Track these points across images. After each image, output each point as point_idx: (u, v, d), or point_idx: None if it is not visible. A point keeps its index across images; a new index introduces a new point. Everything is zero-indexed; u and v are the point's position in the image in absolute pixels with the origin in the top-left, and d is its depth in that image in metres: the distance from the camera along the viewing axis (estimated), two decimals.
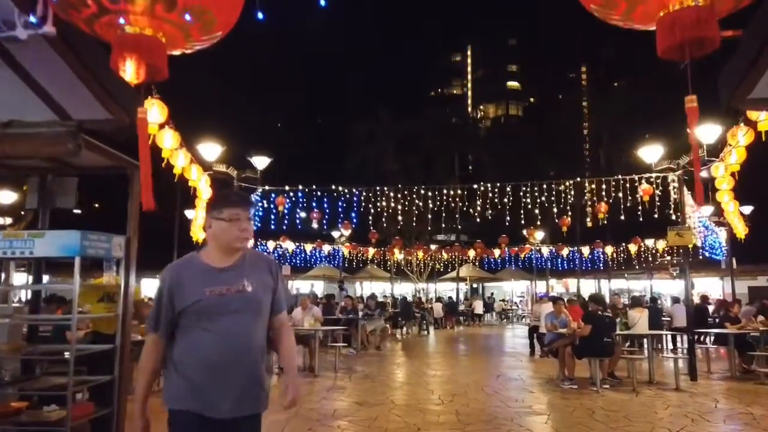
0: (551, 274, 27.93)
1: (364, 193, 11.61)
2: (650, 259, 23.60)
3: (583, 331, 8.88)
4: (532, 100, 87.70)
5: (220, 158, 11.23)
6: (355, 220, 12.31)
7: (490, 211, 11.96)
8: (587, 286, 30.95)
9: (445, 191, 11.66)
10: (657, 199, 10.89)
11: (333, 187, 11.59)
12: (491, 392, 8.44)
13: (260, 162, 11.71)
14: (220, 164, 10.95)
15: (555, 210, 11.31)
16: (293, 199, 12.31)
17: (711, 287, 27.25)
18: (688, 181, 9.95)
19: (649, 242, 21.43)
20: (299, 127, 51.95)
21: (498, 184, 11.37)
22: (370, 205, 11.80)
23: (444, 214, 12.74)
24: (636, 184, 10.58)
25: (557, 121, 39.87)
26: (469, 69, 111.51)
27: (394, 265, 26.67)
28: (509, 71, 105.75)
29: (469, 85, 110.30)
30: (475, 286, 38.62)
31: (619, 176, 10.54)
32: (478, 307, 26.54)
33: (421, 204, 11.79)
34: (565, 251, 22.58)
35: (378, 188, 11.74)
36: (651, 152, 10.60)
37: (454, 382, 9.43)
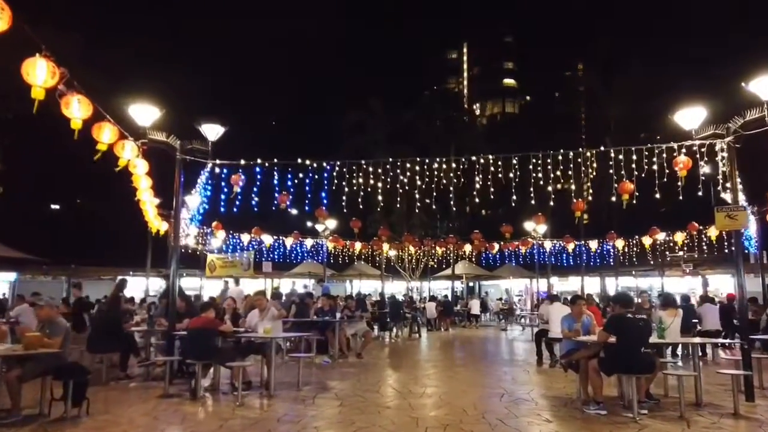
0: (552, 272, 25.81)
1: (338, 168, 9.42)
2: (665, 253, 21.57)
3: (600, 337, 6.85)
4: (528, 98, 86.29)
5: (162, 125, 9.14)
6: (326, 202, 10.07)
7: (492, 190, 9.82)
8: (592, 285, 28.94)
9: (436, 165, 9.48)
10: (695, 176, 8.79)
11: (300, 161, 9.42)
12: (495, 421, 6.36)
13: (211, 131, 9.60)
14: (157, 131, 8.83)
15: (574, 186, 9.18)
16: (259, 178, 10.14)
17: (724, 285, 25.33)
18: (740, 150, 7.91)
19: (659, 236, 19.38)
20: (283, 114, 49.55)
21: (502, 156, 9.25)
22: (344, 184, 9.58)
23: (436, 196, 10.41)
24: (675, 154, 8.47)
25: (555, 113, 38.34)
26: (465, 67, 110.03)
27: (383, 262, 24.53)
28: (505, 68, 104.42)
29: (465, 82, 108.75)
30: (471, 284, 36.58)
31: (660, 144, 8.42)
32: (475, 307, 24.47)
33: (406, 181, 9.55)
34: (571, 245, 20.52)
35: (356, 162, 9.57)
36: (690, 116, 8.55)
37: (448, 404, 7.35)
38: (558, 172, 9.18)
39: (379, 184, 9.82)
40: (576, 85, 41.61)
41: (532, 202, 9.51)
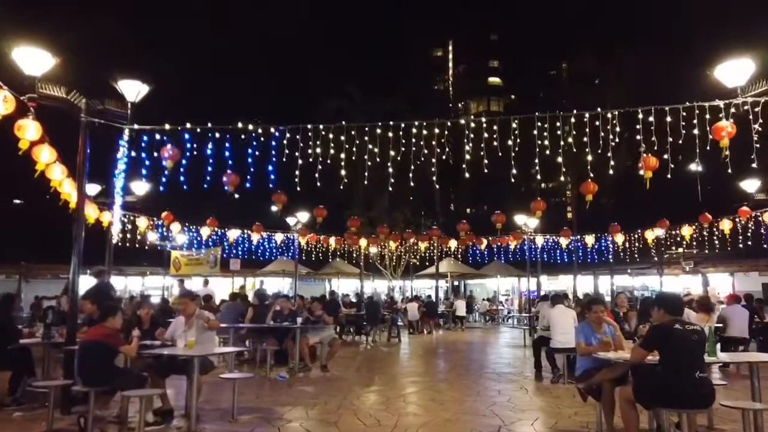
0: (542, 270, 24.02)
1: (288, 134, 7.38)
2: (662, 250, 19.90)
3: (636, 356, 5.00)
4: (513, 97, 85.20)
5: (66, 80, 7.10)
6: (272, 177, 7.98)
7: (486, 162, 7.88)
8: (584, 284, 27.30)
9: (415, 130, 7.52)
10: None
11: (241, 125, 7.35)
12: None
13: (130, 89, 7.56)
14: (53, 85, 6.78)
15: (590, 158, 7.23)
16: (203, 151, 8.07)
17: (723, 285, 23.82)
18: None
19: (660, 231, 17.63)
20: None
21: (499, 118, 7.33)
22: (297, 154, 7.56)
23: (415, 174, 8.40)
24: (720, 114, 6.60)
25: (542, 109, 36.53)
26: (450, 65, 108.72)
27: (362, 259, 22.60)
28: (491, 67, 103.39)
29: (450, 80, 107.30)
30: (456, 283, 34.77)
31: (697, 103, 6.55)
32: (461, 308, 22.58)
33: (377, 151, 7.54)
34: (564, 241, 18.75)
35: (313, 126, 7.54)
36: (735, 71, 6.72)
37: None
38: (570, 139, 7.29)
39: (342, 155, 7.81)
40: (567, 77, 39.87)
41: (538, 176, 7.57)
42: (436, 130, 7.68)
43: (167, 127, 7.30)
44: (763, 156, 6.54)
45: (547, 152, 7.37)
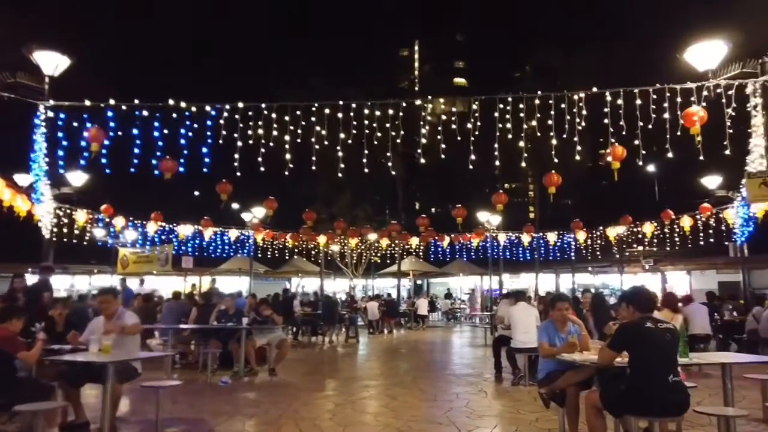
0: (504, 268, 23.75)
1: (227, 113, 6.63)
2: (623, 248, 19.83)
3: (604, 358, 4.51)
4: (482, 96, 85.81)
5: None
6: (207, 160, 7.17)
7: (443, 147, 7.31)
8: (546, 282, 27.22)
9: (367, 111, 6.88)
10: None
11: (172, 102, 6.55)
12: None
13: (47, 61, 6.70)
14: None
15: (554, 142, 6.71)
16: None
17: (680, 283, 24.03)
18: None
19: (620, 229, 17.49)
20: None
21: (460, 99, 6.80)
22: (243, 137, 6.82)
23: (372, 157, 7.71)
24: (692, 98, 6.19)
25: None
26: (416, 65, 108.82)
27: (323, 257, 21.86)
28: (456, 67, 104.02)
29: (416, 80, 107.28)
30: (420, 282, 34.37)
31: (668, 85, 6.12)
32: (422, 306, 22.10)
33: (324, 133, 6.88)
34: (526, 239, 18.46)
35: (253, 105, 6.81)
36: (708, 53, 6.34)
37: None
38: (533, 122, 6.79)
39: (287, 137, 7.11)
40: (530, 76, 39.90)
41: (497, 162, 7.04)
42: (390, 111, 7.05)
43: (87, 103, 6.47)
44: (734, 142, 6.17)
45: (509, 136, 6.88)
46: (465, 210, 14.15)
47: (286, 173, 7.57)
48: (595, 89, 6.36)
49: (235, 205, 20.68)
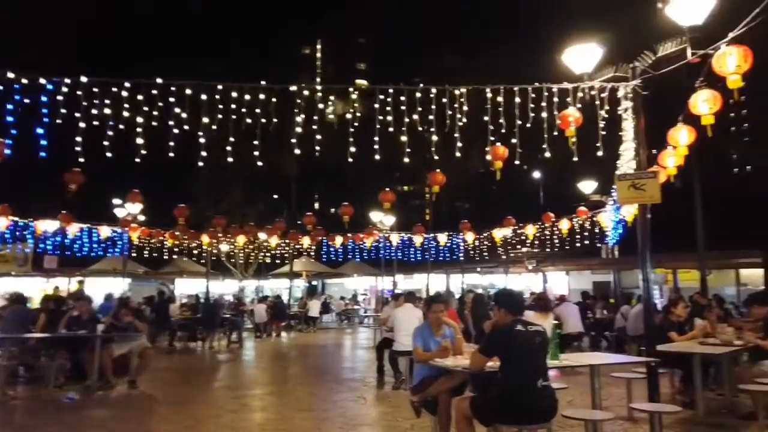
0: (398, 268, 23.77)
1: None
2: (507, 249, 20.53)
3: (475, 363, 4.28)
4: (382, 97, 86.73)
5: None
6: (42, 143, 6.12)
7: (319, 138, 6.82)
8: (438, 282, 27.65)
9: (235, 93, 6.23)
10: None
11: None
12: None
13: None
14: None
15: (434, 138, 6.42)
16: None
17: (558, 282, 25.42)
18: (647, 98, 5.89)
19: (502, 232, 18.08)
20: None
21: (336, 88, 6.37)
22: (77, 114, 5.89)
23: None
24: (568, 99, 6.20)
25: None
26: (318, 63, 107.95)
27: (207, 257, 20.52)
28: (358, 69, 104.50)
29: (318, 79, 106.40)
30: (315, 283, 33.66)
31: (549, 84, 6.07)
32: (314, 308, 21.50)
33: (184, 115, 6.13)
34: (418, 239, 18.50)
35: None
36: (582, 55, 6.40)
37: None
38: (415, 116, 6.52)
39: (139, 120, 6.27)
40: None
41: (377, 156, 6.67)
42: (262, 96, 6.45)
43: None
44: (608, 146, 6.27)
45: (390, 129, 6.56)
46: (352, 208, 13.76)
47: (165, 165, 6.71)
48: (477, 87, 6.21)
49: (116, 201, 18.87)
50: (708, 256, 14.24)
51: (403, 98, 6.56)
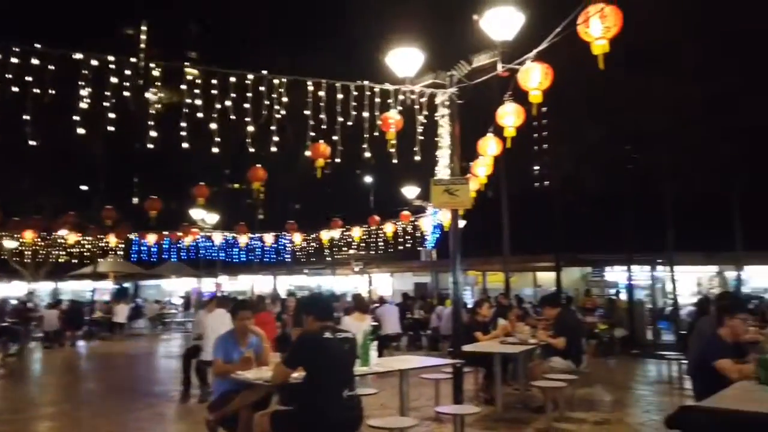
0: (221, 269, 22.46)
1: None
2: (333, 251, 20.57)
3: (278, 375, 3.92)
4: (214, 92, 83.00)
5: None
6: None
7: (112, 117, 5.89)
8: (264, 284, 26.81)
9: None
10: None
11: None
12: None
13: None
14: None
15: (250, 129, 5.87)
16: None
17: (383, 284, 26.26)
18: (462, 107, 6.05)
19: (335, 233, 18.12)
20: None
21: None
22: None
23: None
24: (390, 100, 6.12)
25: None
26: (143, 46, 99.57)
27: None
28: (189, 58, 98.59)
29: (141, 63, 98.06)
30: (127, 285, 30.41)
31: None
32: (121, 313, 19.27)
33: None
34: (244, 239, 17.59)
35: None
36: (405, 59, 6.39)
37: None
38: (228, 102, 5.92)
39: None
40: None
41: (184, 145, 5.94)
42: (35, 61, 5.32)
43: None
44: (427, 152, 6.32)
45: (199, 114, 5.89)
46: (160, 203, 12.43)
47: None
48: (297, 78, 5.84)
49: None
50: (511, 260, 15.69)
51: (215, 82, 5.92)
